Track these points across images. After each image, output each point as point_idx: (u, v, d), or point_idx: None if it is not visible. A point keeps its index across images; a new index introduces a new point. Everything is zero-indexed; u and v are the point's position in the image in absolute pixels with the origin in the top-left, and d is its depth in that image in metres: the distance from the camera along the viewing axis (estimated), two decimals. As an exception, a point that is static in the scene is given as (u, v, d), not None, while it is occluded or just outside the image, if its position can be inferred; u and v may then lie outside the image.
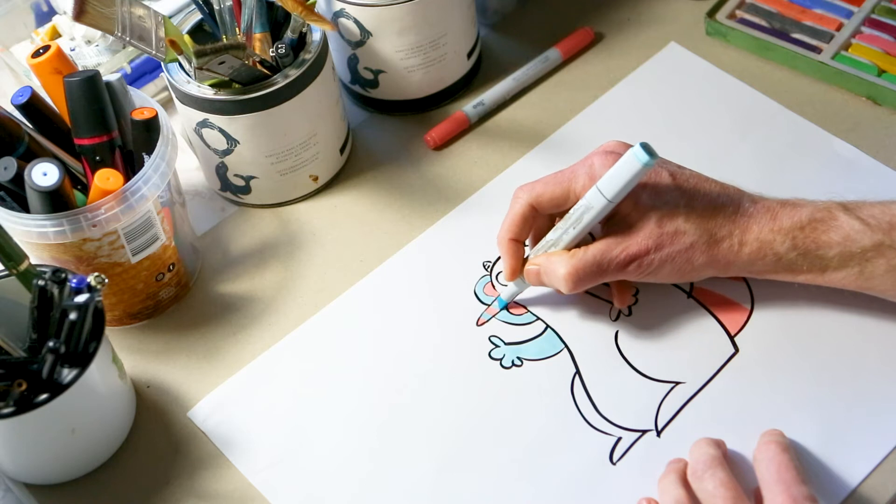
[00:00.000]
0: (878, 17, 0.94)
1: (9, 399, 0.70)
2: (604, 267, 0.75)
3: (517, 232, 0.78)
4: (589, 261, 0.75)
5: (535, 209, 0.77)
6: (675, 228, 0.74)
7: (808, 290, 0.79)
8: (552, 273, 0.76)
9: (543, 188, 0.77)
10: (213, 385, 0.80)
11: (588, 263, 0.75)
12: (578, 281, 0.75)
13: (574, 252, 0.75)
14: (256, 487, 0.75)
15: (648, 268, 0.75)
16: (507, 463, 0.74)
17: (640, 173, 0.71)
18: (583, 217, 0.75)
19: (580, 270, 0.75)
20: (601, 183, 0.73)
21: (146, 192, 0.76)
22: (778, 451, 0.69)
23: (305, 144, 0.87)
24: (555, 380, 0.78)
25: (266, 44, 0.84)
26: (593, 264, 0.75)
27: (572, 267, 0.75)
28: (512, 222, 0.78)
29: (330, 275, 0.85)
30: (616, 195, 0.73)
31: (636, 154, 0.71)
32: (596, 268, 0.75)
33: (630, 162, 0.71)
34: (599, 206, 0.73)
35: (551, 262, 0.76)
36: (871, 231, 0.73)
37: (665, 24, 0.98)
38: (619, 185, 0.72)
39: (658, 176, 0.76)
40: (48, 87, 0.79)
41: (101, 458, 0.77)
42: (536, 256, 0.78)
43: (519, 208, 0.78)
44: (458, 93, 0.95)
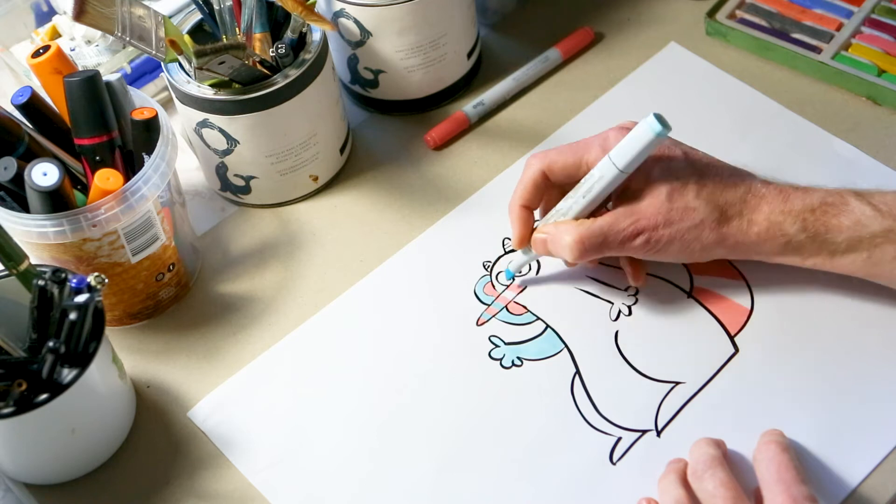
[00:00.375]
0: (878, 17, 0.94)
1: (9, 399, 0.70)
2: (610, 238, 0.74)
3: (528, 198, 0.78)
4: (595, 231, 0.74)
5: (546, 177, 0.78)
6: (686, 204, 0.74)
7: (808, 290, 0.80)
8: (559, 241, 0.76)
9: (556, 156, 0.77)
10: (213, 385, 0.80)
11: (594, 233, 0.74)
12: (584, 250, 0.75)
13: (582, 221, 0.75)
14: (256, 487, 0.75)
15: (657, 244, 0.75)
16: (507, 463, 0.74)
17: (652, 143, 0.71)
18: (593, 186, 0.74)
19: (586, 239, 0.74)
20: (613, 152, 0.73)
21: (146, 192, 0.76)
22: (778, 451, 0.69)
23: (305, 144, 0.87)
24: (555, 380, 0.78)
25: (266, 44, 0.84)
26: (600, 234, 0.74)
27: (578, 235, 0.75)
28: (524, 188, 0.78)
29: (330, 275, 0.85)
30: (627, 164, 0.72)
31: (649, 124, 0.71)
32: (602, 238, 0.74)
33: (643, 131, 0.71)
34: (610, 176, 0.73)
35: (559, 230, 0.76)
36: (882, 217, 0.73)
37: (665, 24, 0.98)
38: (631, 155, 0.72)
39: (671, 152, 0.76)
40: (48, 87, 0.79)
41: (101, 458, 0.77)
42: (545, 225, 0.78)
43: (531, 174, 0.78)
44: (458, 93, 0.95)
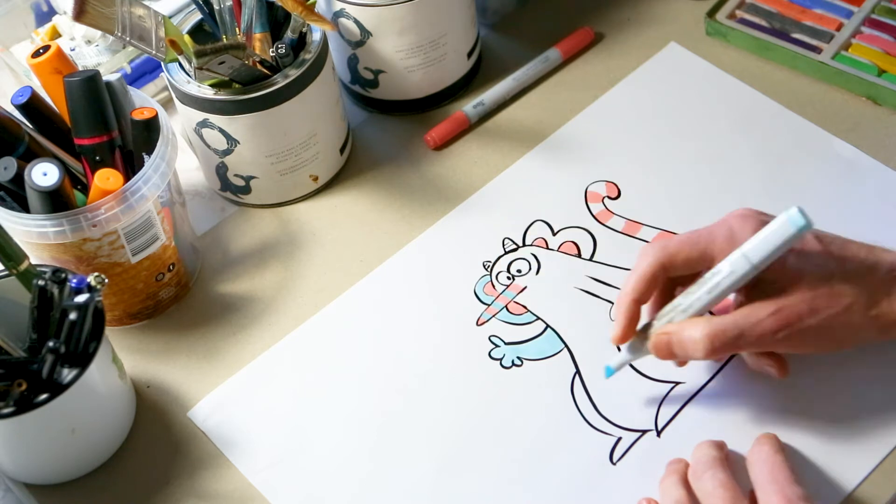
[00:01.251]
0: (878, 17, 0.94)
1: (9, 399, 0.70)
2: (747, 332, 0.68)
3: (642, 292, 0.71)
4: (730, 325, 0.68)
5: (665, 270, 0.71)
6: (830, 290, 0.68)
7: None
8: (687, 339, 0.69)
9: (678, 248, 0.70)
10: (213, 385, 0.80)
11: (728, 327, 0.68)
12: (716, 347, 0.68)
13: (711, 318, 0.69)
14: (256, 487, 0.75)
15: (803, 336, 0.68)
16: (507, 463, 0.74)
17: (792, 238, 0.65)
18: (721, 283, 0.68)
19: (720, 334, 0.68)
20: (747, 247, 0.67)
21: (146, 192, 0.76)
22: (771, 452, 0.69)
23: (305, 144, 0.87)
24: (555, 380, 0.78)
25: (266, 44, 0.84)
26: (734, 328, 0.68)
27: (711, 329, 0.68)
28: (638, 281, 0.71)
29: (330, 275, 0.85)
30: (763, 260, 0.66)
31: (791, 218, 0.65)
32: (738, 332, 0.68)
33: (783, 226, 0.65)
34: (742, 272, 0.67)
35: (684, 328, 0.69)
36: None
37: (665, 24, 0.98)
38: (768, 250, 0.66)
39: (803, 240, 0.70)
40: (48, 87, 0.79)
41: (101, 458, 0.77)
42: (666, 325, 0.70)
43: (648, 267, 0.70)
44: (458, 93, 0.95)
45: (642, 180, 0.88)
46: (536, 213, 0.87)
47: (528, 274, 0.84)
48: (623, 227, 0.85)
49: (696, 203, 0.86)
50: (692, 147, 0.89)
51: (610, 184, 0.88)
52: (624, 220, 0.86)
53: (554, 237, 0.85)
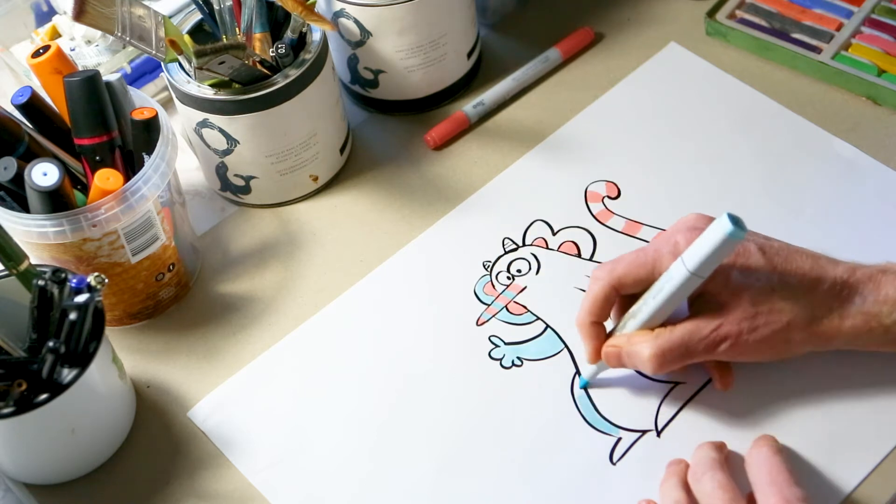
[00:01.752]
0: (878, 17, 0.94)
1: (9, 399, 0.70)
2: (692, 347, 0.70)
3: (598, 314, 0.74)
4: (675, 340, 0.70)
5: (615, 290, 0.73)
6: (771, 307, 0.70)
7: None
8: (635, 355, 0.72)
9: (626, 269, 0.73)
10: (213, 385, 0.80)
11: (675, 343, 0.70)
12: (664, 362, 0.71)
13: (658, 332, 0.71)
14: (256, 487, 0.75)
15: (742, 348, 0.71)
16: (507, 463, 0.74)
17: (725, 244, 0.66)
18: (663, 287, 0.70)
19: (666, 352, 0.70)
20: (685, 254, 0.69)
21: (146, 192, 0.76)
22: (770, 453, 0.69)
23: (305, 144, 0.87)
24: (555, 380, 0.78)
25: (266, 44, 0.84)
26: (680, 344, 0.70)
27: (657, 347, 0.71)
28: (592, 304, 0.73)
29: (330, 275, 0.85)
30: (699, 266, 0.68)
31: (721, 225, 0.66)
32: (683, 348, 0.70)
33: (715, 232, 0.67)
34: (680, 277, 0.69)
35: (633, 342, 0.72)
36: None
37: (665, 24, 0.98)
38: (703, 255, 0.67)
39: (747, 253, 0.72)
40: (48, 87, 0.79)
41: (101, 458, 0.77)
42: (616, 337, 0.74)
43: (599, 290, 0.73)
44: (458, 93, 0.95)
45: (642, 180, 0.88)
46: (536, 212, 0.87)
47: (528, 274, 0.84)
48: (623, 227, 0.85)
49: (696, 203, 0.85)
50: (692, 147, 0.89)
51: (610, 184, 0.88)
52: (624, 220, 0.86)
53: (554, 237, 0.85)
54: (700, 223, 0.73)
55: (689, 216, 0.74)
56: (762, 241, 0.73)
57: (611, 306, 0.74)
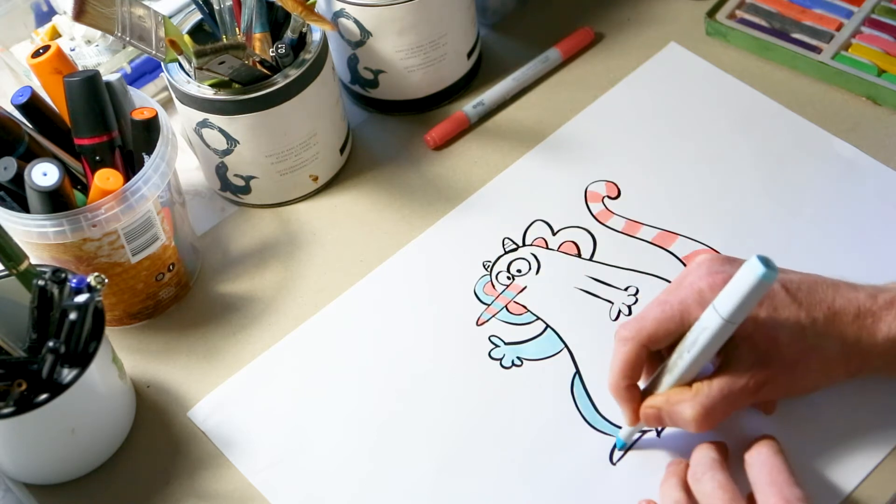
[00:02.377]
0: (878, 17, 0.94)
1: (9, 399, 0.70)
2: (733, 399, 0.69)
3: (631, 376, 0.71)
4: (716, 396, 0.69)
5: (646, 349, 0.71)
6: (804, 345, 0.70)
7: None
8: (677, 415, 0.70)
9: (654, 326, 0.70)
10: (213, 385, 0.80)
11: (716, 399, 0.69)
12: (709, 420, 0.69)
13: (697, 388, 0.69)
14: (256, 487, 0.75)
15: (782, 390, 0.71)
16: (507, 463, 0.74)
17: (758, 287, 0.64)
18: (698, 339, 0.68)
19: (709, 409, 0.69)
20: (717, 302, 0.66)
21: (146, 192, 0.76)
22: (770, 454, 0.69)
23: (305, 144, 0.87)
24: (555, 380, 0.78)
25: (266, 44, 0.84)
26: (721, 399, 0.69)
27: (700, 406, 0.69)
28: (624, 367, 0.71)
29: (330, 275, 0.85)
30: (732, 313, 0.65)
31: (752, 268, 0.64)
32: (725, 402, 0.69)
33: (747, 276, 0.64)
34: (715, 326, 0.66)
35: (672, 402, 0.70)
36: None
37: (665, 24, 0.98)
38: (736, 301, 0.65)
39: (772, 293, 0.70)
40: (48, 87, 0.79)
41: (101, 458, 0.77)
42: (653, 398, 0.71)
43: (630, 352, 0.70)
44: (458, 93, 0.95)
45: (642, 180, 0.88)
46: (536, 212, 0.87)
47: (528, 274, 0.84)
48: (623, 227, 0.85)
49: (696, 203, 0.86)
50: (692, 147, 0.89)
51: (610, 184, 0.88)
52: (624, 220, 0.86)
53: (554, 237, 0.85)
54: (719, 267, 0.71)
55: (701, 259, 0.72)
56: (782, 278, 0.71)
57: (642, 366, 0.72)
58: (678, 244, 0.84)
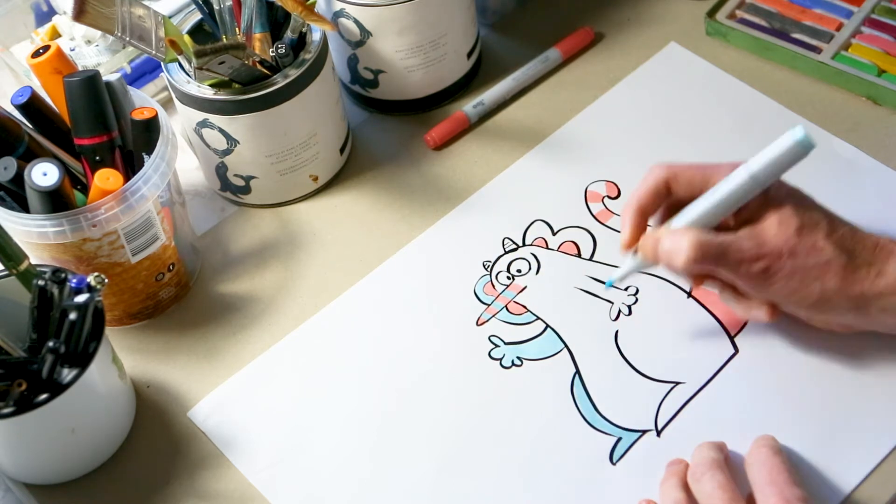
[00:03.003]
0: (878, 17, 0.94)
1: (9, 399, 0.70)
2: (730, 255, 0.70)
3: (645, 202, 0.74)
4: (716, 241, 0.70)
5: (668, 186, 0.74)
6: (814, 242, 0.71)
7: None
8: (674, 243, 0.71)
9: (684, 168, 0.73)
10: (213, 385, 0.80)
11: (714, 243, 0.70)
12: (700, 256, 0.70)
13: (702, 229, 0.72)
14: (256, 487, 0.75)
15: (774, 274, 0.71)
16: (507, 463, 0.74)
17: (791, 151, 0.67)
18: (720, 188, 0.71)
19: (704, 245, 0.70)
20: (750, 160, 0.70)
21: (146, 192, 0.76)
22: (769, 454, 0.69)
23: (305, 144, 0.87)
24: (555, 380, 0.78)
25: (266, 44, 0.84)
26: (720, 247, 0.70)
27: (697, 239, 0.70)
28: (644, 191, 0.74)
29: (330, 275, 0.85)
30: (760, 169, 0.69)
31: (793, 132, 0.67)
32: (721, 251, 0.70)
33: (784, 139, 0.67)
34: (739, 179, 0.70)
35: (674, 232, 0.72)
36: None
37: (665, 24, 0.98)
38: (767, 159, 0.68)
39: (805, 196, 0.73)
40: (48, 87, 0.79)
41: (101, 458, 0.77)
42: (657, 229, 0.74)
43: (653, 180, 0.74)
44: (458, 93, 0.95)
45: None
46: (536, 212, 0.87)
47: (527, 274, 0.84)
48: (623, 227, 0.85)
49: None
50: (692, 147, 0.89)
51: (610, 184, 0.88)
52: (624, 220, 0.86)
53: (554, 237, 0.85)
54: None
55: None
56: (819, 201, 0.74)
57: (659, 200, 0.74)
58: (678, 244, 0.83)
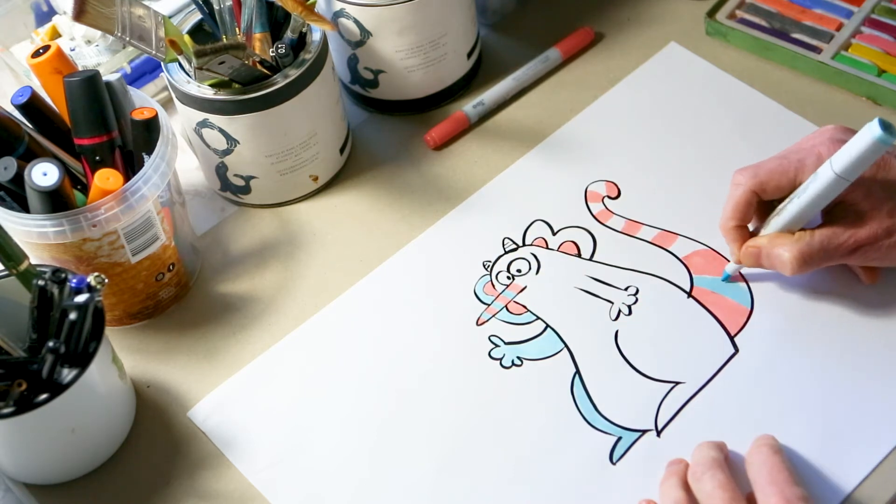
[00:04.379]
0: (878, 17, 0.94)
1: (9, 399, 0.70)
2: (830, 251, 0.75)
3: (740, 217, 0.78)
4: (815, 245, 0.75)
5: (757, 195, 0.77)
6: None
7: (807, 291, 0.80)
8: (776, 257, 0.76)
9: (768, 175, 0.76)
10: (213, 385, 0.80)
11: (815, 247, 0.75)
12: (804, 264, 0.75)
13: (799, 235, 0.75)
14: (256, 487, 0.75)
15: (877, 254, 0.75)
16: (507, 463, 0.74)
17: (872, 148, 0.69)
18: (808, 187, 0.73)
19: (806, 255, 0.75)
20: (833, 158, 0.72)
21: (146, 192, 0.76)
22: (770, 453, 0.69)
23: (305, 144, 0.87)
24: (555, 380, 0.78)
25: (266, 44, 0.84)
26: (820, 248, 0.75)
27: (798, 251, 0.75)
28: (735, 208, 0.77)
29: (330, 275, 0.85)
30: (845, 169, 0.71)
31: (871, 129, 0.69)
32: (822, 252, 0.75)
33: (864, 136, 0.70)
34: (826, 179, 0.72)
35: (774, 245, 0.76)
36: None
37: (665, 24, 0.98)
38: (850, 158, 0.70)
39: (888, 166, 0.75)
40: (48, 87, 0.79)
41: (101, 458, 0.77)
42: (757, 238, 0.78)
43: (742, 195, 0.77)
44: (458, 93, 0.95)
45: (642, 180, 0.88)
46: (536, 212, 0.87)
47: (527, 274, 0.84)
48: (623, 227, 0.85)
49: (696, 203, 0.86)
50: (692, 147, 0.89)
51: (610, 184, 0.88)
52: (624, 220, 0.86)
53: (554, 237, 0.85)
54: (843, 135, 0.76)
55: (828, 128, 0.77)
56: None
57: (752, 210, 0.77)
58: (678, 244, 0.84)
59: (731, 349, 0.78)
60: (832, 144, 0.75)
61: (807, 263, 0.75)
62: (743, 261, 0.78)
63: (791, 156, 0.76)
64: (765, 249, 0.77)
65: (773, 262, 0.76)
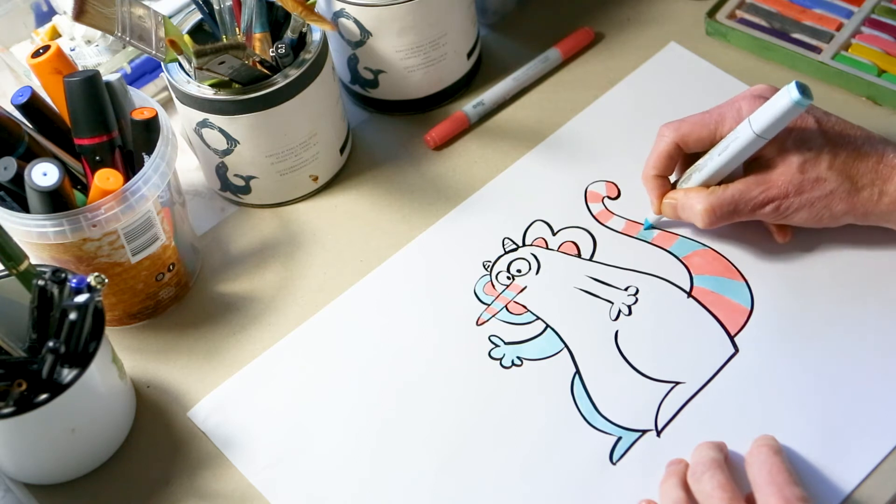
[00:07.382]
0: (878, 17, 0.94)
1: (9, 399, 0.70)
2: (741, 206, 0.77)
3: (662, 168, 0.81)
4: (727, 199, 0.77)
5: (679, 148, 0.80)
6: (817, 175, 0.76)
7: (807, 291, 0.80)
8: (689, 208, 0.79)
9: (690, 128, 0.79)
10: (213, 385, 0.80)
11: (725, 201, 0.77)
12: (714, 218, 0.78)
13: (713, 189, 0.78)
14: (256, 487, 0.75)
15: (785, 211, 0.77)
16: (507, 463, 0.75)
17: (790, 111, 0.73)
18: (729, 146, 0.76)
19: (717, 207, 0.77)
20: (752, 117, 0.75)
21: (146, 192, 0.76)
22: (769, 454, 0.69)
23: (305, 144, 0.87)
24: (555, 380, 0.78)
25: (266, 44, 0.84)
26: (731, 202, 0.77)
27: (709, 203, 0.77)
28: (657, 158, 0.80)
29: (330, 275, 0.85)
30: (764, 129, 0.74)
31: (789, 91, 0.72)
32: (733, 206, 0.77)
33: (782, 98, 0.73)
34: (745, 138, 0.75)
35: (689, 197, 0.79)
36: None
37: (665, 24, 0.98)
38: (769, 119, 0.74)
39: (804, 122, 0.77)
40: (48, 87, 0.79)
41: (101, 458, 0.77)
42: (675, 191, 0.81)
43: (664, 146, 0.80)
44: (458, 93, 0.95)
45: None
46: (536, 213, 0.87)
47: (527, 274, 0.84)
48: (623, 227, 0.85)
49: (696, 203, 0.86)
50: (692, 147, 0.89)
51: (610, 184, 0.88)
52: (624, 220, 0.86)
53: (554, 237, 0.85)
54: (765, 92, 0.78)
55: (756, 87, 0.80)
56: (820, 115, 0.78)
57: (674, 162, 0.81)
58: (678, 244, 0.84)
59: (731, 349, 0.78)
60: (753, 100, 0.77)
61: (717, 216, 0.77)
62: (662, 211, 0.81)
63: (713, 111, 0.79)
64: (680, 201, 0.80)
65: (687, 213, 0.79)
